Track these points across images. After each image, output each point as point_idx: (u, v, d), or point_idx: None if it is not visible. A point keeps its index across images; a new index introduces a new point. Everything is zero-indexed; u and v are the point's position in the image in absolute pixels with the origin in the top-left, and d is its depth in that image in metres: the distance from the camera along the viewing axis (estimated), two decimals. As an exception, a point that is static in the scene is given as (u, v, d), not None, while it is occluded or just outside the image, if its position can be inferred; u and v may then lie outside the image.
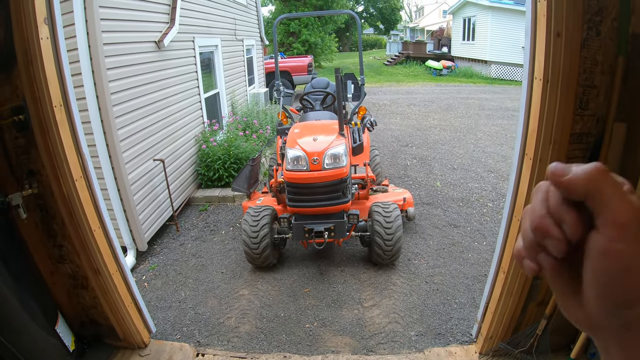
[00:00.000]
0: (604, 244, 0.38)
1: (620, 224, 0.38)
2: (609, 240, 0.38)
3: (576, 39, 2.02)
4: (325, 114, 5.46)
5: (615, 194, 0.39)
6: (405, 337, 3.47)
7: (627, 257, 0.38)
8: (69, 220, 2.60)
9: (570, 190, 0.41)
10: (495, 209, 5.87)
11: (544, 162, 2.22)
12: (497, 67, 21.35)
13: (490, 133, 10.24)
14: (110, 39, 4.33)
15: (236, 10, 9.87)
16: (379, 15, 44.21)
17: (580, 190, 0.40)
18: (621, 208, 0.38)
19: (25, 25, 2.17)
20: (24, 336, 2.38)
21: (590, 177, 0.40)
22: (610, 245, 0.38)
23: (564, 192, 0.42)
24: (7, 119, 2.41)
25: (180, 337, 3.58)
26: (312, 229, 4.12)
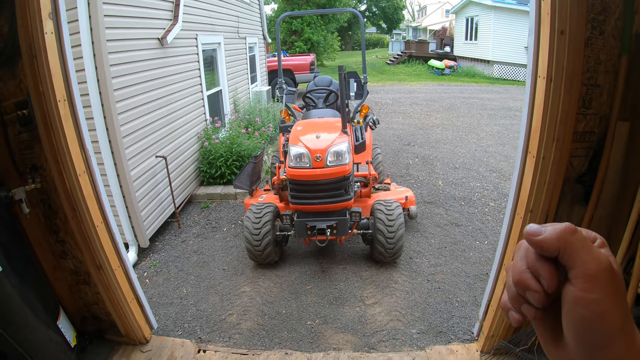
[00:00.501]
0: (577, 294, 0.43)
1: (589, 276, 0.43)
2: (581, 291, 0.43)
3: (580, 38, 2.02)
4: (328, 111, 5.46)
5: (584, 249, 0.44)
6: (407, 335, 3.47)
7: (598, 305, 0.42)
8: (71, 215, 2.61)
9: (544, 249, 0.46)
10: (497, 209, 5.87)
11: (547, 160, 2.22)
12: (500, 66, 21.32)
13: (492, 133, 10.23)
14: (114, 35, 4.33)
15: (239, 7, 9.87)
16: (382, 14, 44.13)
17: (552, 248, 0.45)
18: (589, 261, 0.43)
19: (30, 20, 2.18)
20: (26, 331, 2.39)
21: (561, 236, 0.45)
22: (583, 295, 0.43)
23: (539, 250, 0.47)
24: (10, 114, 2.42)
25: (181, 334, 3.59)
26: (314, 226, 4.12)
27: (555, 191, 2.31)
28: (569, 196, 2.37)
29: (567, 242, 0.44)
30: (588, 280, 0.42)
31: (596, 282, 0.42)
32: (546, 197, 2.31)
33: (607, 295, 0.42)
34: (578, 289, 0.43)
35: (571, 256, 0.44)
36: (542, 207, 2.34)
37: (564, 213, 2.41)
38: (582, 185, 2.36)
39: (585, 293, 0.42)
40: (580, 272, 0.43)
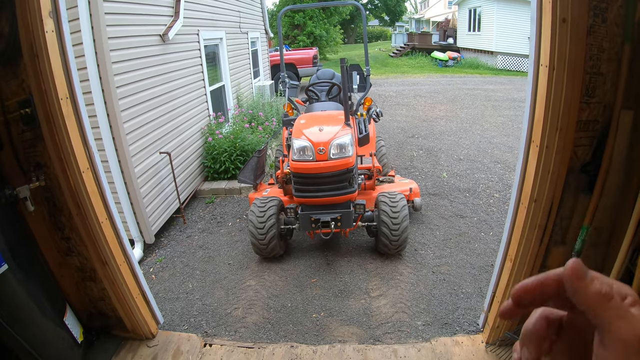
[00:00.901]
0: None
1: (626, 344, 0.38)
2: (616, 358, 0.38)
3: (582, 26, 2.01)
4: (330, 104, 5.45)
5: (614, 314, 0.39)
6: (412, 327, 3.48)
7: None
8: (76, 212, 2.62)
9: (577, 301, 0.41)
10: (502, 200, 5.85)
11: (550, 149, 2.21)
12: (503, 57, 21.19)
13: (496, 124, 10.19)
14: (115, 32, 4.33)
15: (240, 2, 9.84)
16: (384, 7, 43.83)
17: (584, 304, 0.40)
18: (622, 327, 0.38)
19: (30, 19, 2.18)
20: (33, 328, 2.41)
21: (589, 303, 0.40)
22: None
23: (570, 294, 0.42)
24: (13, 113, 2.42)
25: (187, 328, 3.61)
26: (318, 219, 4.13)
27: (559, 181, 2.30)
28: (573, 185, 2.36)
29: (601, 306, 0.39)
30: (624, 348, 0.38)
31: (632, 349, 0.37)
32: (550, 186, 2.30)
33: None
34: (613, 356, 0.38)
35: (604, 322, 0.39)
36: (547, 197, 2.33)
37: (568, 202, 2.40)
38: (586, 175, 2.35)
39: None
40: (615, 338, 0.38)
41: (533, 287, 0.44)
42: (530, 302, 0.45)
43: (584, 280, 0.40)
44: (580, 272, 0.40)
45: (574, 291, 0.40)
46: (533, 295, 0.44)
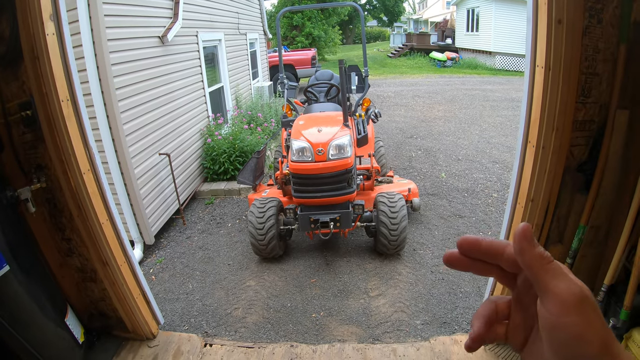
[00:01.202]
0: (552, 320, 0.43)
1: (563, 300, 0.42)
2: (556, 316, 0.42)
3: (577, 27, 2.03)
4: (329, 105, 5.47)
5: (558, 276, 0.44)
6: (411, 326, 3.50)
7: (576, 327, 0.42)
8: (77, 213, 2.64)
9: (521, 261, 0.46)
10: (501, 200, 5.87)
11: (547, 149, 2.23)
12: (502, 57, 21.22)
13: (494, 124, 10.21)
14: (115, 34, 4.35)
15: (239, 4, 9.85)
16: (382, 7, 43.83)
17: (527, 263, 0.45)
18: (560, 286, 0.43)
19: (31, 21, 2.20)
20: (34, 328, 2.42)
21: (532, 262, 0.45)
22: (558, 320, 0.42)
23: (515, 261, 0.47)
24: (14, 115, 2.44)
25: (188, 328, 3.63)
26: (317, 219, 4.15)
27: (555, 180, 2.32)
28: (570, 185, 2.38)
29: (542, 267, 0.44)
30: (563, 304, 0.42)
31: (571, 306, 0.42)
32: (547, 186, 2.32)
33: (582, 317, 0.42)
34: (553, 314, 0.43)
35: (544, 282, 0.44)
36: (543, 196, 2.35)
37: (565, 202, 2.42)
38: (582, 174, 2.37)
39: (561, 318, 0.42)
40: (554, 297, 0.43)
41: (472, 240, 0.50)
42: (472, 254, 0.50)
43: (530, 242, 0.45)
44: (529, 234, 0.45)
45: (520, 250, 0.45)
46: (472, 247, 0.50)
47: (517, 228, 0.46)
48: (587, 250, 2.46)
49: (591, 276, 2.54)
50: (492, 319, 0.52)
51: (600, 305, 2.39)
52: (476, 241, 0.50)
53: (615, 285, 2.34)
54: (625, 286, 2.22)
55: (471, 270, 0.52)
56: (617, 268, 2.28)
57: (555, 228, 2.50)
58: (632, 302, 2.20)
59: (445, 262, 0.52)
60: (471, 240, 0.50)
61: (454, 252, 0.51)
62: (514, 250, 0.46)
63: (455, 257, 0.51)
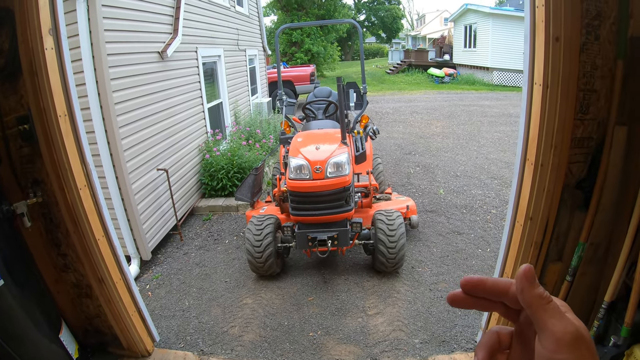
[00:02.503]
0: (547, 356, 0.45)
1: (558, 338, 0.45)
2: (551, 353, 0.45)
3: (575, 44, 2.03)
4: (327, 122, 5.48)
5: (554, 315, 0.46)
6: (410, 345, 3.46)
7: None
8: (73, 229, 2.62)
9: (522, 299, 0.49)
10: (499, 216, 5.86)
11: (545, 167, 2.23)
12: (499, 73, 21.37)
13: (493, 140, 10.24)
14: (114, 49, 4.37)
15: (238, 20, 9.94)
16: (381, 24, 44.30)
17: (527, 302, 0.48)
18: (556, 325, 0.46)
19: (30, 36, 2.20)
20: (28, 344, 2.39)
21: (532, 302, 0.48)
22: (552, 357, 0.45)
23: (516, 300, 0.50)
24: (12, 128, 2.43)
25: (184, 346, 3.58)
26: (315, 237, 4.12)
27: (554, 198, 2.31)
28: (569, 202, 2.37)
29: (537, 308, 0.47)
30: (558, 342, 0.45)
31: (565, 344, 0.44)
32: (545, 204, 2.31)
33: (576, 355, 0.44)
34: (547, 350, 0.45)
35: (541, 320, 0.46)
36: (542, 214, 2.34)
37: (564, 219, 2.40)
38: (581, 191, 2.36)
39: (555, 354, 0.45)
40: (550, 334, 0.45)
41: (476, 280, 0.52)
42: (476, 293, 0.53)
43: (531, 283, 0.48)
44: (530, 275, 0.48)
45: (521, 290, 0.48)
46: (476, 287, 0.53)
47: (520, 269, 0.48)
48: (587, 268, 2.44)
49: (591, 293, 2.52)
50: (495, 348, 0.54)
51: (600, 323, 2.37)
52: (480, 281, 0.53)
53: (615, 302, 2.31)
54: (625, 303, 2.20)
55: (475, 308, 0.55)
56: (617, 285, 2.26)
57: (555, 246, 2.48)
58: (632, 318, 2.18)
59: (450, 302, 0.55)
60: (475, 280, 0.53)
61: (458, 293, 0.54)
62: (515, 289, 0.49)
63: (460, 297, 0.54)
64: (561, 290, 2.54)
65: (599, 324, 2.37)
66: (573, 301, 2.53)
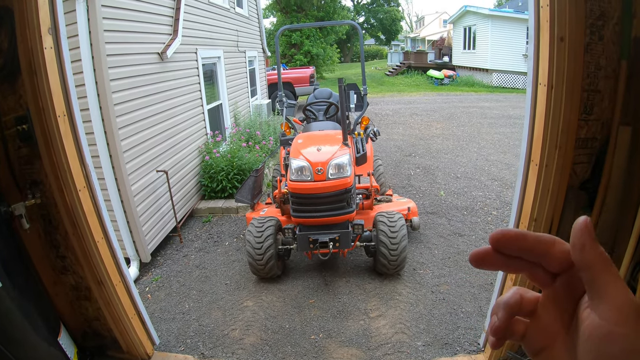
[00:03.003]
0: (605, 327, 0.38)
1: (619, 308, 0.37)
2: (611, 324, 0.37)
3: (579, 44, 2.02)
4: (328, 124, 5.45)
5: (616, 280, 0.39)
6: (412, 348, 3.43)
7: (628, 341, 0.37)
8: (72, 230, 2.59)
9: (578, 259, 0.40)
10: (500, 217, 5.84)
11: (549, 167, 2.21)
12: (499, 75, 21.39)
13: (493, 141, 10.23)
14: (114, 50, 4.35)
15: (238, 22, 9.93)
16: (380, 26, 44.35)
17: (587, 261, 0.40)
18: (621, 293, 0.38)
19: (29, 35, 2.18)
20: (26, 347, 2.36)
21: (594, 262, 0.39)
22: (613, 329, 0.37)
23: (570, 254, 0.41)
24: (10, 129, 2.41)
25: (184, 349, 3.55)
26: (316, 239, 4.09)
27: (559, 199, 2.29)
28: (573, 203, 2.35)
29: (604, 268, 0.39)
30: (619, 312, 0.37)
31: (626, 315, 0.37)
32: (550, 205, 2.29)
33: (638, 332, 0.37)
34: (608, 322, 0.37)
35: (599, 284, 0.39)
36: (547, 216, 2.32)
37: (568, 220, 2.38)
38: (585, 192, 2.34)
39: (616, 327, 0.37)
40: (612, 303, 0.38)
41: (515, 233, 0.43)
42: (511, 250, 0.44)
43: (593, 240, 0.39)
44: (591, 229, 0.40)
45: (582, 246, 0.39)
46: (513, 242, 0.43)
47: (578, 221, 0.40)
48: (591, 270, 2.42)
49: (596, 296, 2.49)
50: (516, 311, 0.46)
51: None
52: (520, 235, 0.43)
53: (620, 305, 2.29)
54: (631, 305, 2.17)
55: (503, 269, 0.46)
56: (622, 287, 2.24)
57: (559, 247, 2.46)
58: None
59: (474, 261, 0.46)
60: (513, 234, 0.44)
61: (485, 249, 0.45)
62: (571, 246, 0.40)
63: (489, 255, 0.45)
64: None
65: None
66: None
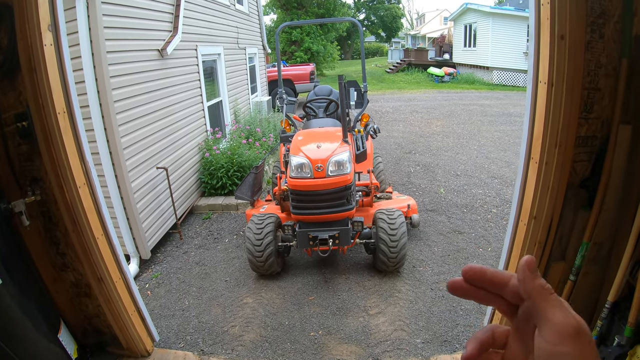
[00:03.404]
0: (549, 348, 0.44)
1: (560, 330, 0.44)
2: (553, 345, 0.44)
3: (580, 42, 2.02)
4: (328, 121, 5.45)
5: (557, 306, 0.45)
6: (411, 345, 3.44)
7: (572, 357, 0.43)
8: (72, 227, 2.59)
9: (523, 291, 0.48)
10: (500, 215, 5.84)
11: (549, 165, 2.21)
12: (499, 73, 21.36)
13: (493, 139, 10.23)
14: (114, 47, 4.34)
15: (238, 18, 9.92)
16: (381, 23, 44.32)
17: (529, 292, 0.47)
18: (558, 316, 0.44)
19: (29, 32, 2.18)
20: (27, 344, 2.37)
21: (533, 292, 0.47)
22: (555, 349, 0.43)
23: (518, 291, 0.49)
24: (10, 126, 2.41)
25: (183, 346, 3.56)
26: (316, 236, 4.09)
27: (559, 197, 2.29)
28: (573, 201, 2.35)
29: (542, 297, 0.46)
30: (561, 334, 0.43)
31: (568, 336, 0.43)
32: (550, 202, 2.29)
33: (577, 349, 0.43)
34: (549, 343, 0.44)
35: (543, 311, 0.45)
36: (546, 213, 2.32)
37: (567, 218, 2.39)
38: (585, 190, 2.34)
39: (558, 347, 0.43)
40: (552, 326, 0.44)
41: (478, 269, 0.51)
42: (476, 282, 0.52)
43: (533, 273, 0.47)
44: (532, 265, 0.47)
45: (523, 280, 0.47)
46: (477, 276, 0.51)
47: (522, 259, 0.48)
48: (590, 267, 2.42)
49: (594, 293, 2.50)
50: (487, 344, 0.53)
51: (604, 323, 2.35)
52: (481, 270, 0.51)
53: (619, 302, 2.30)
54: (629, 303, 2.18)
55: (473, 298, 0.53)
56: (621, 284, 2.25)
57: (558, 245, 2.46)
58: (636, 318, 2.16)
59: (450, 289, 0.53)
60: (477, 269, 0.51)
61: (459, 280, 0.53)
62: (517, 280, 0.48)
63: (460, 285, 0.53)
64: (564, 290, 2.52)
65: (602, 323, 2.35)
66: (576, 301, 2.51)
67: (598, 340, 2.41)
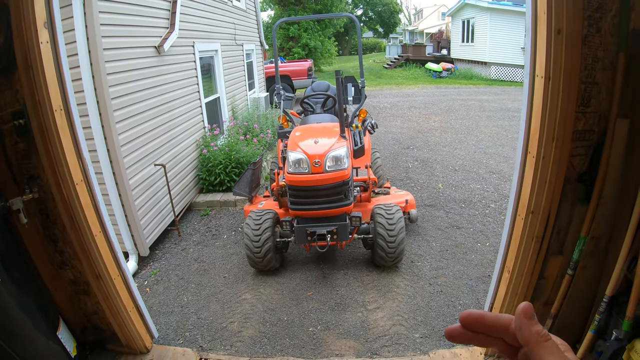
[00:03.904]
0: None
1: None
2: None
3: (577, 36, 2.02)
4: (326, 116, 5.45)
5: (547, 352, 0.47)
6: (410, 340, 3.45)
7: None
8: (70, 225, 2.59)
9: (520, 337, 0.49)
10: (498, 210, 5.85)
11: (547, 159, 2.21)
12: (497, 68, 21.36)
13: (491, 134, 10.23)
14: (111, 44, 4.33)
15: (236, 15, 9.89)
16: (378, 19, 44.21)
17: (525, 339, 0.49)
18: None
19: (25, 29, 2.17)
20: (26, 342, 2.37)
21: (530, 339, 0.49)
22: None
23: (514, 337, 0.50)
24: (7, 124, 2.40)
25: (182, 342, 3.56)
26: (314, 232, 4.10)
27: (556, 191, 2.30)
28: (570, 196, 2.36)
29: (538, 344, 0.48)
30: None
31: None
32: (547, 197, 2.30)
33: None
34: None
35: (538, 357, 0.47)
36: (544, 208, 2.33)
37: (565, 213, 2.39)
38: (583, 184, 2.35)
39: None
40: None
41: (476, 315, 0.52)
42: (475, 328, 0.53)
43: (530, 320, 0.48)
44: (529, 312, 0.49)
45: (520, 327, 0.49)
46: (476, 322, 0.52)
47: (519, 306, 0.49)
48: (588, 261, 2.43)
49: (592, 287, 2.51)
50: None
51: (601, 317, 2.36)
52: (480, 316, 0.52)
53: (616, 296, 2.31)
54: (627, 296, 2.19)
55: (474, 343, 0.54)
56: (619, 279, 2.25)
57: (556, 239, 2.47)
58: (634, 312, 2.17)
59: (448, 336, 0.54)
60: (475, 315, 0.53)
61: (457, 327, 0.53)
62: (514, 327, 0.50)
63: (458, 332, 0.53)
64: (562, 284, 2.53)
65: (600, 317, 2.37)
66: (574, 295, 2.52)
67: (596, 334, 2.42)
